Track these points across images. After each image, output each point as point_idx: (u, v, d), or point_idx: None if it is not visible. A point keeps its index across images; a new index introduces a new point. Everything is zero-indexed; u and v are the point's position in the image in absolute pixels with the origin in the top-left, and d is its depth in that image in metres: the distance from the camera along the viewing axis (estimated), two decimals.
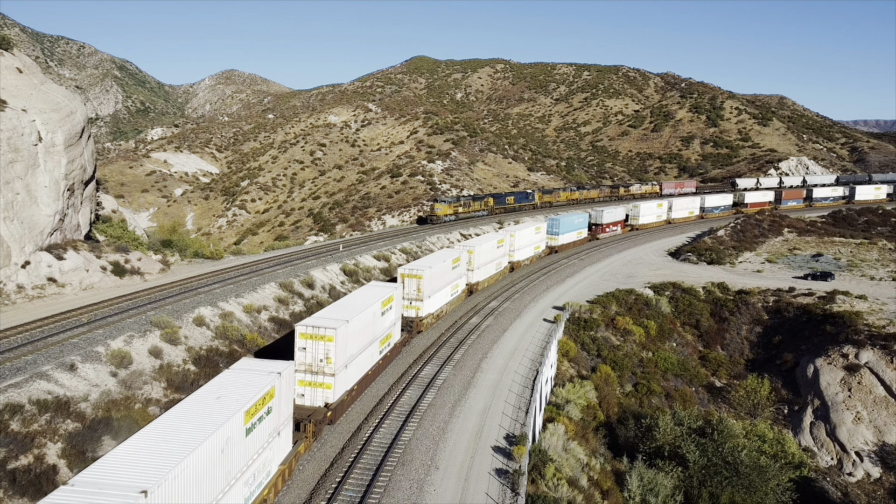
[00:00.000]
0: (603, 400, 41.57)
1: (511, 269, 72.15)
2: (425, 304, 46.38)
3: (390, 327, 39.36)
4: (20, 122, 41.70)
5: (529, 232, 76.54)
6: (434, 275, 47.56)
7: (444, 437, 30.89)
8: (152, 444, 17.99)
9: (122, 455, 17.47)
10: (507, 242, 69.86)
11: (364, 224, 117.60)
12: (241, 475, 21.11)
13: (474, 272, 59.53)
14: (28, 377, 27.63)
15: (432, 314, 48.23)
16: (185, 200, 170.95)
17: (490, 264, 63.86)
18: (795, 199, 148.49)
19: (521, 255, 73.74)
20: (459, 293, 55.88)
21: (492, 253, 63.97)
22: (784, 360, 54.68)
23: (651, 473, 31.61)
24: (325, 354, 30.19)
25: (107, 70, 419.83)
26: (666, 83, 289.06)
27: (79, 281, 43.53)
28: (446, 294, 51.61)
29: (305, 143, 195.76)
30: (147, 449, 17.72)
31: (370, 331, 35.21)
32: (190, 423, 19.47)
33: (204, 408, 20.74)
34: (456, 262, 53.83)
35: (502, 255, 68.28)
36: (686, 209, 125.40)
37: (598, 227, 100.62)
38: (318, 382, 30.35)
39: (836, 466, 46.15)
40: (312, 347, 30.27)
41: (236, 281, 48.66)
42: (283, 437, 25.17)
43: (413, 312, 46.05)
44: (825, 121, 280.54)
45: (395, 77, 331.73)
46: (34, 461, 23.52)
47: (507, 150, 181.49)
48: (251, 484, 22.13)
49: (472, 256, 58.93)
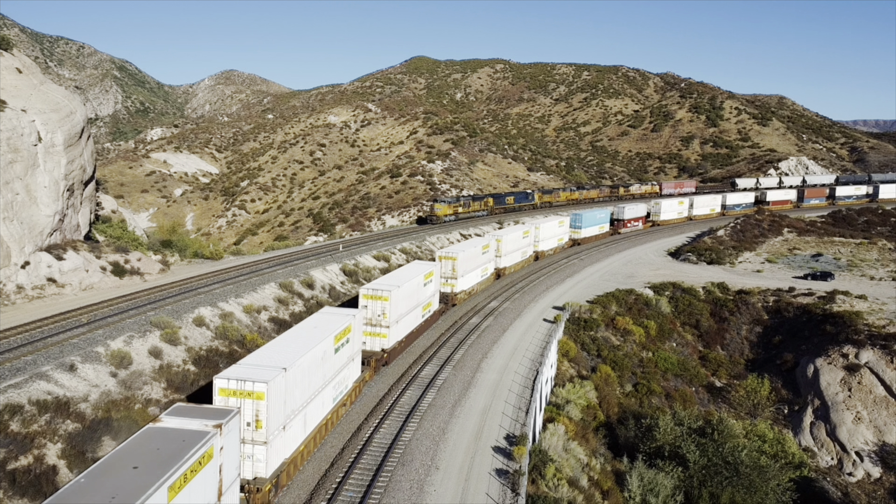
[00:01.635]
0: (603, 400, 41.56)
1: (536, 257, 79.75)
2: (459, 282, 55.08)
3: (430, 297, 48.05)
4: (20, 123, 41.68)
5: (553, 225, 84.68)
6: (466, 258, 56.16)
7: (445, 437, 30.88)
8: (280, 349, 27.14)
9: (263, 353, 26.80)
10: (532, 234, 77.73)
11: (364, 224, 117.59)
12: (331, 380, 29.97)
13: (502, 258, 67.58)
14: (28, 377, 27.60)
15: (465, 291, 57.09)
16: (185, 201, 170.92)
17: (516, 252, 71.99)
18: (818, 198, 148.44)
19: (545, 245, 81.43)
20: (489, 276, 64.34)
21: (518, 242, 72.19)
22: (784, 360, 54.67)
23: (651, 473, 31.59)
24: (381, 311, 38.34)
25: (106, 70, 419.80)
26: (665, 83, 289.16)
27: (78, 281, 43.50)
28: (477, 275, 60.22)
29: (305, 144, 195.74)
30: (277, 351, 26.88)
31: (415, 297, 43.63)
32: (300, 340, 28.54)
33: (307, 332, 29.72)
34: (486, 249, 62.36)
35: (527, 245, 76.14)
36: (708, 206, 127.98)
37: (619, 223, 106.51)
38: (377, 332, 38.61)
39: (836, 466, 46.15)
40: (372, 305, 38.39)
41: (236, 281, 48.64)
42: (355, 363, 33.78)
43: (449, 288, 54.63)
44: (825, 121, 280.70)
45: (395, 77, 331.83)
46: (34, 462, 23.48)
47: (507, 150, 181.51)
48: (337, 388, 31.06)
49: (500, 245, 67.00)
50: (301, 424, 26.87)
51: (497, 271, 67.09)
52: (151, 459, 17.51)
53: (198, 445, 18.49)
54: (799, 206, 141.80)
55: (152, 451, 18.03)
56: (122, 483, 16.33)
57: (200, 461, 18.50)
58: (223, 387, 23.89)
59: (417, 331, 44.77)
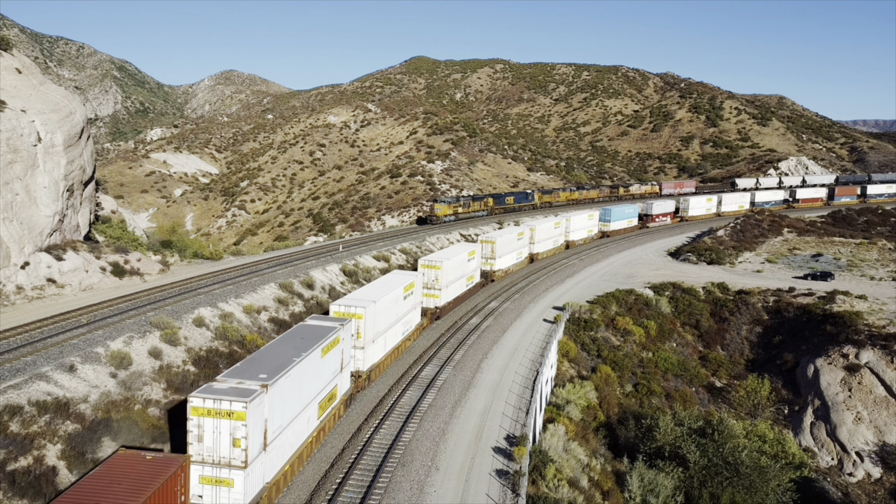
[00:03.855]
0: (603, 400, 41.54)
1: (566, 246, 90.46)
2: (497, 262, 66.44)
3: (473, 271, 59.99)
4: (19, 123, 41.65)
5: (583, 218, 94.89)
6: (503, 242, 67.61)
7: (445, 438, 30.84)
8: (369, 292, 39.33)
9: (358, 294, 38.95)
10: (563, 225, 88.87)
11: (364, 224, 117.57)
12: (401, 318, 41.87)
13: (535, 245, 78.74)
14: (27, 378, 27.57)
15: (502, 270, 68.78)
16: (185, 201, 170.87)
17: (548, 241, 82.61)
18: (849, 196, 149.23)
19: (575, 236, 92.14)
20: (523, 259, 75.79)
21: (549, 232, 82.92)
22: (784, 361, 54.64)
23: (651, 474, 31.58)
24: (435, 277, 50.73)
25: (106, 70, 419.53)
26: (665, 83, 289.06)
27: (78, 282, 43.47)
28: (512, 258, 71.49)
29: (305, 144, 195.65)
30: (368, 293, 39.06)
31: (460, 270, 55.37)
32: (382, 288, 40.42)
33: (385, 283, 42.12)
34: (521, 236, 73.36)
35: (559, 235, 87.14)
36: (736, 203, 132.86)
37: (648, 217, 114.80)
38: (432, 294, 50.95)
39: (836, 467, 46.13)
40: (428, 273, 50.51)
41: (236, 281, 48.60)
42: (416, 311, 46.35)
43: (488, 267, 65.83)
44: (824, 121, 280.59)
45: (395, 77, 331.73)
46: (34, 463, 23.46)
47: (507, 150, 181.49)
48: (405, 326, 43.09)
49: (534, 233, 78.20)
50: (382, 343, 38.61)
51: (531, 256, 78.38)
52: (309, 336, 29.54)
53: (332, 333, 30.60)
54: (829, 204, 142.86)
55: (308, 334, 30.06)
56: (298, 344, 28.31)
57: (334, 342, 30.47)
58: (336, 310, 35.62)
59: (463, 296, 57.18)
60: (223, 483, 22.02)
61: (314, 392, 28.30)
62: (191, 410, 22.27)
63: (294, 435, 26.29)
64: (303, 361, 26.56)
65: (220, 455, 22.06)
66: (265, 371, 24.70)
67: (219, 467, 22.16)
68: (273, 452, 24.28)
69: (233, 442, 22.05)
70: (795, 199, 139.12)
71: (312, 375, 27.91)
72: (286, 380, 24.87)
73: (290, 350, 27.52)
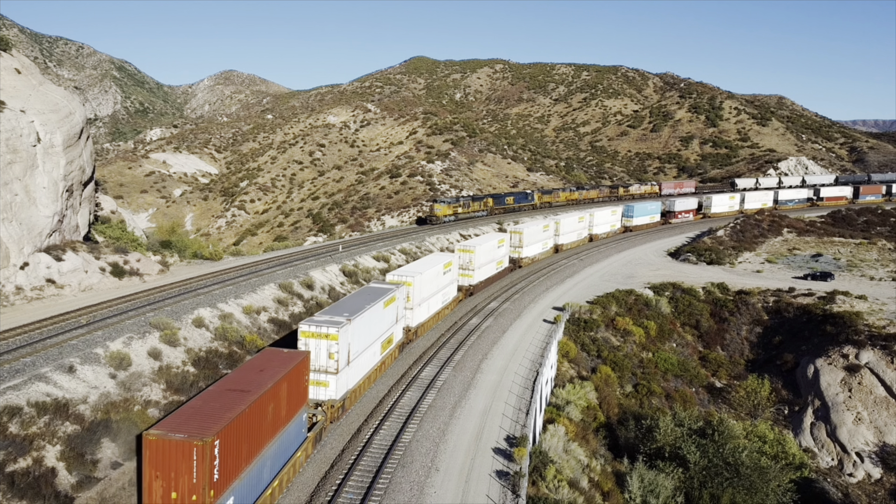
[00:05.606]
0: (603, 401, 41.50)
1: (590, 239, 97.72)
2: (524, 250, 74.56)
3: (503, 256, 68.54)
4: (19, 123, 41.59)
5: (606, 213, 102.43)
6: (530, 233, 75.82)
7: (445, 439, 30.81)
8: (415, 267, 47.77)
9: (406, 268, 47.66)
10: (587, 219, 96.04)
11: (363, 225, 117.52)
12: (440, 290, 50.74)
13: (560, 237, 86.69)
14: (27, 379, 27.52)
15: (529, 257, 76.88)
16: (184, 201, 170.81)
17: (572, 233, 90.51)
18: (874, 194, 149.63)
19: (598, 230, 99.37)
20: (548, 249, 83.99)
21: (573, 225, 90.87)
22: (784, 361, 54.61)
23: (652, 474, 31.54)
24: (469, 260, 58.99)
25: (105, 70, 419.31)
26: (665, 83, 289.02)
27: (77, 282, 43.42)
28: (538, 247, 79.53)
29: (304, 144, 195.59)
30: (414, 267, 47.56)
31: (491, 255, 63.81)
32: (426, 264, 49.35)
33: (429, 261, 51.44)
34: (546, 228, 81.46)
35: (583, 228, 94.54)
36: (759, 201, 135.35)
37: (670, 214, 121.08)
38: (466, 273, 59.17)
39: (836, 467, 46.10)
40: (463, 256, 58.95)
41: (235, 282, 48.55)
42: (453, 286, 54.94)
43: (516, 254, 73.86)
44: (824, 121, 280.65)
45: (395, 77, 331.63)
46: (33, 464, 23.40)
47: (507, 150, 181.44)
48: (444, 297, 52.20)
49: (559, 226, 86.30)
50: (426, 307, 47.52)
51: (556, 246, 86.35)
52: (374, 294, 37.93)
53: (390, 292, 38.94)
54: (854, 203, 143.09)
55: (373, 292, 38.40)
56: (366, 298, 36.69)
57: (391, 299, 38.71)
58: (391, 279, 44.12)
59: (493, 277, 65.50)
60: (321, 384, 30.85)
61: (378, 333, 37.01)
62: (301, 333, 30.93)
63: (365, 360, 35.10)
64: (371, 308, 35.13)
65: (319, 364, 30.74)
66: (347, 312, 33.14)
67: (318, 373, 30.68)
68: (353, 369, 32.93)
69: (328, 355, 30.76)
70: (820, 198, 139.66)
71: (377, 320, 36.51)
72: (361, 318, 33.42)
73: (362, 301, 35.97)
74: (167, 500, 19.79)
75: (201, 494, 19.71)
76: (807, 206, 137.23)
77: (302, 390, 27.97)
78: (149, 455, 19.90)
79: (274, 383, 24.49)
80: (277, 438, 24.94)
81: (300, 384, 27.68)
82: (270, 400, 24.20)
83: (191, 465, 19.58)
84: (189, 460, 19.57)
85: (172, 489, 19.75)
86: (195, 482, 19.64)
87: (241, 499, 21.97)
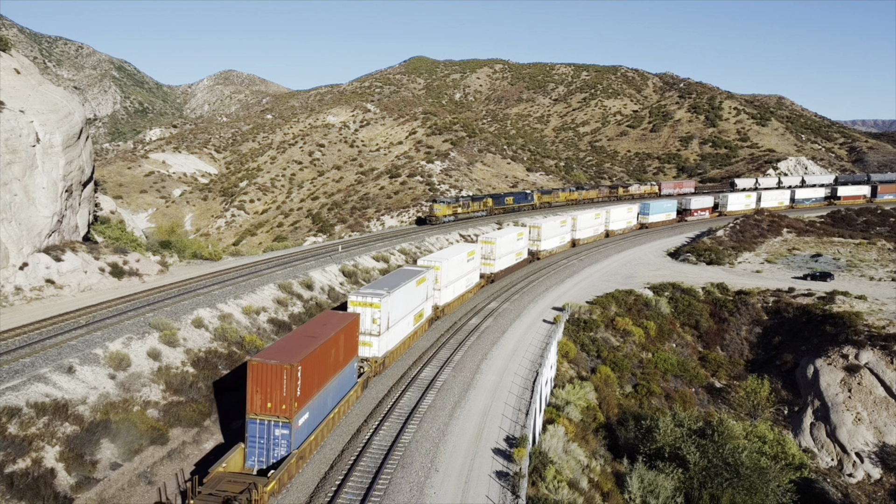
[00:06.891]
0: (603, 401, 41.48)
1: (606, 234, 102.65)
2: (542, 244, 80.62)
3: (521, 249, 74.35)
4: (18, 124, 41.55)
5: (622, 211, 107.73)
6: (548, 228, 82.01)
7: (444, 439, 30.78)
8: (442, 254, 54.59)
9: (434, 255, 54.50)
10: (603, 216, 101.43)
11: (363, 225, 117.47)
12: (464, 276, 56.49)
13: (577, 232, 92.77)
14: (26, 380, 27.49)
15: (547, 250, 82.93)
16: (184, 201, 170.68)
17: (588, 229, 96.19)
18: (893, 193, 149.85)
19: (614, 226, 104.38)
20: (566, 243, 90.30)
21: (590, 221, 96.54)
22: (784, 361, 54.61)
23: (651, 475, 31.52)
24: (490, 251, 64.71)
25: (105, 70, 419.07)
26: (664, 83, 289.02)
27: (77, 282, 43.38)
28: (556, 241, 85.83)
29: (304, 144, 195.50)
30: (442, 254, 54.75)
31: (510, 246, 69.62)
32: (451, 252, 56.11)
33: (454, 250, 58.31)
34: (563, 224, 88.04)
35: (599, 224, 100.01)
36: (776, 200, 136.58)
37: (686, 212, 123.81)
38: (488, 263, 64.72)
39: (836, 467, 46.10)
40: (484, 247, 64.63)
41: (235, 282, 48.51)
42: (475, 273, 60.85)
43: (535, 248, 79.93)
44: (824, 121, 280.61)
45: (394, 77, 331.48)
46: (32, 465, 23.38)
47: (506, 150, 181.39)
48: (467, 282, 57.97)
49: (576, 222, 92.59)
50: (452, 290, 53.45)
51: (573, 241, 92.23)
52: (408, 275, 44.19)
53: (421, 273, 45.58)
54: (872, 201, 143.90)
55: (406, 273, 45.00)
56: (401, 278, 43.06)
57: (422, 280, 45.33)
58: (422, 263, 51.73)
59: (512, 267, 71.43)
60: (366, 344, 37.32)
61: (411, 307, 43.48)
62: (350, 303, 37.52)
63: (400, 329, 41.59)
64: (406, 285, 41.73)
65: (365, 328, 37.11)
66: (387, 287, 39.64)
67: (364, 335, 37.14)
68: (391, 334, 39.49)
69: (372, 321, 37.30)
70: (837, 196, 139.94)
71: (410, 296, 42.94)
72: (398, 292, 39.96)
73: (398, 280, 42.44)
74: (264, 408, 26.28)
75: (289, 405, 26.16)
76: (824, 206, 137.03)
77: (353, 344, 34.68)
78: (251, 375, 26.21)
79: (335, 333, 30.94)
80: (337, 377, 31.63)
81: (352, 339, 34.34)
82: (332, 345, 30.59)
83: (282, 383, 26.05)
84: (280, 379, 26.01)
85: (268, 400, 26.21)
86: (284, 395, 26.12)
87: (313, 415, 28.55)
